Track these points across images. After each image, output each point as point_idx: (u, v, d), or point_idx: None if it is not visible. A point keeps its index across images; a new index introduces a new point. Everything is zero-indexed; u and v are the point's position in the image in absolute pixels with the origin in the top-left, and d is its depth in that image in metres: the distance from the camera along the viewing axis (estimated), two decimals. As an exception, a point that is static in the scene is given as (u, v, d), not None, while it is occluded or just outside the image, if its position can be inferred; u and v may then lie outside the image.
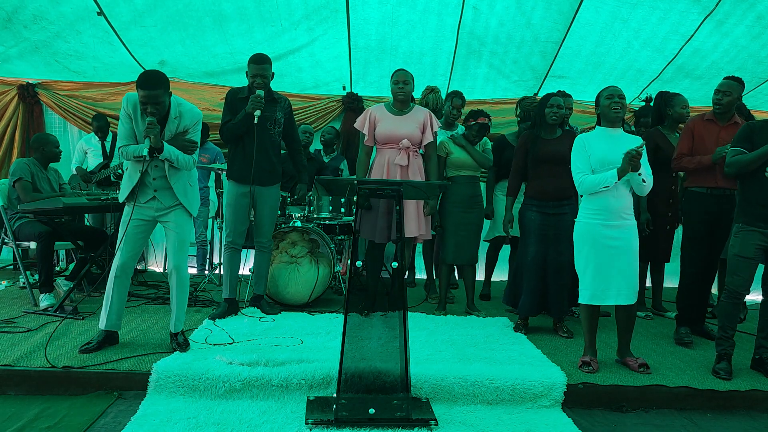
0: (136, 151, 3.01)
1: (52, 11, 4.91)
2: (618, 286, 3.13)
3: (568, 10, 5.00)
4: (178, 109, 3.09)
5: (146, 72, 2.99)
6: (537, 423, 2.66)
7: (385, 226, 3.84)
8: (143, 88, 2.90)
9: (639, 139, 3.19)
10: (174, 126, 3.10)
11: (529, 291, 3.77)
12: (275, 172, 3.97)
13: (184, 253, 3.21)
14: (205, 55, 5.57)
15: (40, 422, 2.48)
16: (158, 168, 3.10)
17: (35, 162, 4.32)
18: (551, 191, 3.73)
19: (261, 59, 3.77)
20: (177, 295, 3.19)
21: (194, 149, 3.17)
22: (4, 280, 4.93)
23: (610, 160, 3.08)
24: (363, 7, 4.98)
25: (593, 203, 3.14)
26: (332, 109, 6.20)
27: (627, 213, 3.14)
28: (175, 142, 3.09)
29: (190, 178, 3.25)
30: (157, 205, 3.15)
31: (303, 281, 4.27)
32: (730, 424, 2.83)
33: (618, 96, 3.14)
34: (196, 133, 3.18)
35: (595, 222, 3.13)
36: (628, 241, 3.13)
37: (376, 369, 2.72)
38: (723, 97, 3.67)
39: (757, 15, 4.88)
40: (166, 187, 3.13)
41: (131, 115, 3.04)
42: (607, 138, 3.17)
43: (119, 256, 3.09)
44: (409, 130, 3.91)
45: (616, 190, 3.10)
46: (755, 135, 3.16)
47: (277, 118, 3.91)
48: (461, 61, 5.67)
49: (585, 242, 3.17)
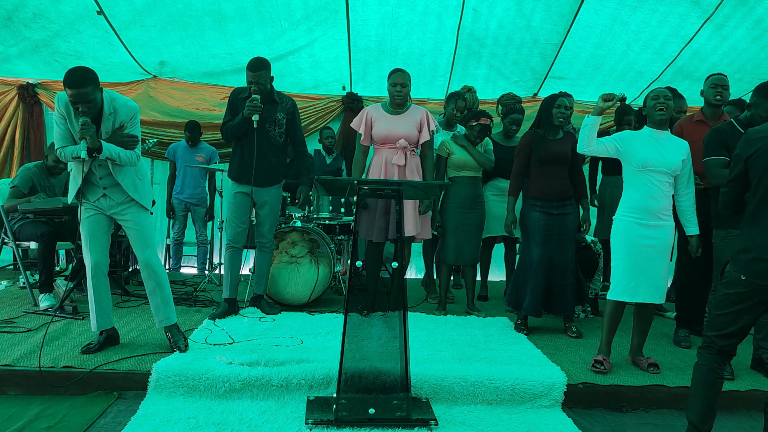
0: (74, 152, 2.89)
1: (52, 10, 4.91)
2: (648, 285, 3.13)
3: (567, 12, 5.01)
4: (112, 104, 2.95)
5: (71, 69, 2.78)
6: (537, 423, 2.66)
7: (383, 225, 3.84)
8: (70, 87, 2.74)
9: (685, 143, 3.20)
10: (110, 123, 2.96)
11: (534, 292, 3.76)
12: (275, 174, 3.97)
13: (152, 247, 3.13)
14: (205, 55, 5.57)
15: (40, 422, 2.47)
16: (102, 167, 2.99)
17: (42, 167, 4.32)
18: (555, 192, 3.73)
19: (256, 66, 3.70)
20: (157, 290, 3.12)
21: (135, 144, 3.02)
22: (4, 280, 4.93)
23: (652, 162, 3.09)
24: (363, 8, 4.98)
25: (632, 202, 3.15)
26: (332, 109, 6.21)
27: (665, 214, 3.15)
28: (113, 139, 2.96)
29: (138, 172, 3.13)
30: (109, 203, 3.06)
31: (303, 281, 4.27)
32: (730, 424, 2.83)
33: (663, 97, 3.14)
34: (135, 127, 3.04)
35: (632, 220, 3.13)
36: (663, 241, 3.14)
37: (376, 369, 2.72)
38: (723, 90, 3.66)
39: (757, 19, 4.91)
40: (114, 184, 3.03)
41: (65, 116, 2.91)
42: (651, 139, 3.16)
43: (90, 257, 3.03)
44: (406, 129, 3.91)
45: (654, 192, 3.11)
46: (729, 141, 3.18)
47: (278, 119, 3.90)
48: (461, 62, 5.68)
49: (620, 240, 3.17)
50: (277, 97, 3.90)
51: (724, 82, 3.67)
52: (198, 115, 5.90)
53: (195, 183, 5.68)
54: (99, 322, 3.11)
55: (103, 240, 3.08)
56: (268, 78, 3.79)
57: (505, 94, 5.00)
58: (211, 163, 5.61)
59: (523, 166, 3.88)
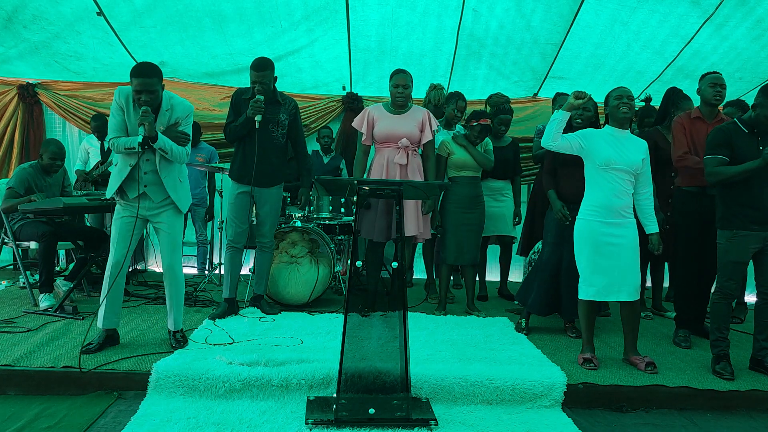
0: (128, 143, 3.01)
1: (52, 11, 4.91)
2: (620, 283, 3.17)
3: (567, 12, 5.01)
4: (170, 102, 3.12)
5: (140, 62, 3.03)
6: (537, 423, 2.66)
7: (384, 225, 3.84)
8: (138, 76, 2.92)
9: (644, 143, 3.24)
10: (166, 118, 3.10)
11: (541, 290, 3.77)
12: (276, 174, 3.97)
13: (178, 253, 3.22)
14: (205, 55, 5.57)
15: (40, 422, 2.47)
16: (149, 162, 3.09)
17: (37, 167, 4.31)
18: (570, 193, 3.71)
19: (260, 66, 3.72)
20: (173, 295, 3.22)
21: (187, 141, 3.16)
22: (4, 280, 4.93)
23: (615, 160, 3.12)
24: (363, 8, 4.98)
25: (595, 201, 3.19)
26: (332, 109, 6.21)
27: (627, 212, 3.19)
28: (167, 134, 3.09)
29: (181, 173, 3.23)
30: (148, 204, 3.13)
31: (303, 281, 4.27)
32: (730, 424, 2.83)
33: (627, 97, 3.17)
34: (188, 126, 3.19)
35: (594, 220, 3.17)
36: (628, 239, 3.17)
37: (376, 369, 2.72)
38: (722, 90, 3.67)
39: (757, 18, 4.91)
40: (157, 182, 3.12)
41: (123, 108, 3.04)
42: (613, 138, 3.19)
43: (113, 255, 3.10)
44: (408, 129, 3.92)
45: (617, 190, 3.15)
46: (733, 140, 3.18)
47: (281, 120, 3.90)
48: (461, 62, 5.68)
49: (585, 240, 3.21)
50: (280, 98, 3.91)
51: (722, 81, 3.68)
52: (198, 115, 5.87)
53: (195, 183, 5.67)
54: (107, 319, 3.13)
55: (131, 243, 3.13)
56: (272, 78, 3.80)
57: (493, 95, 5.00)
58: (211, 163, 5.62)
59: (549, 166, 3.88)
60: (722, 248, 3.24)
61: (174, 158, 3.11)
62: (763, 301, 3.20)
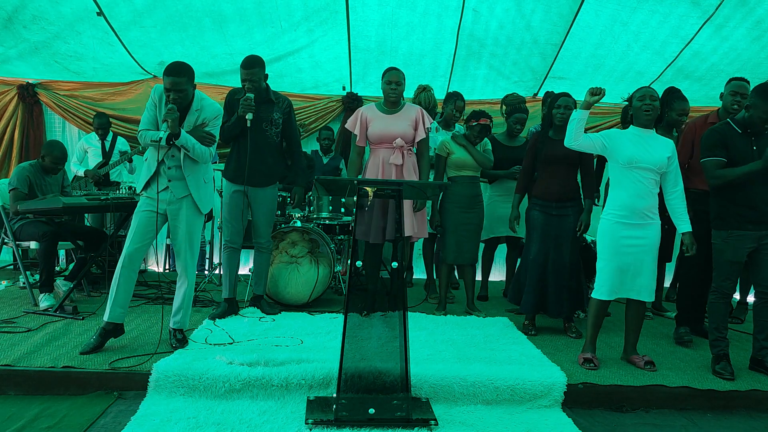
0: (154, 135, 3.10)
1: (52, 11, 4.91)
2: (634, 283, 3.16)
3: (567, 13, 5.01)
4: (201, 102, 3.22)
5: (173, 62, 3.13)
6: (537, 423, 2.66)
7: (379, 226, 3.83)
8: (168, 75, 3.03)
9: (670, 142, 3.21)
10: (194, 118, 3.19)
11: (530, 289, 3.79)
12: (271, 174, 3.96)
13: (194, 252, 3.25)
14: (205, 55, 5.57)
15: (40, 422, 2.47)
16: (174, 158, 3.16)
17: (37, 167, 4.31)
18: (555, 192, 3.74)
19: (249, 63, 3.73)
20: (185, 295, 3.24)
21: (212, 142, 3.24)
22: (4, 280, 4.93)
23: (638, 158, 3.10)
24: (363, 8, 4.98)
25: (619, 201, 3.16)
26: (332, 109, 6.22)
27: (652, 212, 3.16)
28: (194, 133, 3.17)
29: (206, 174, 3.30)
30: (169, 197, 3.17)
31: (303, 281, 4.27)
32: (730, 423, 2.83)
33: (650, 97, 3.15)
34: (215, 128, 3.28)
35: (618, 220, 3.15)
36: (650, 240, 3.16)
37: (376, 369, 2.72)
38: (742, 99, 3.62)
39: (757, 19, 4.91)
40: (180, 178, 3.17)
41: (156, 104, 3.15)
42: (637, 137, 3.17)
43: (127, 245, 3.12)
44: (402, 128, 3.90)
45: (641, 190, 3.12)
46: (727, 141, 3.19)
47: (274, 118, 3.90)
48: (461, 62, 5.69)
49: (606, 240, 3.18)
50: (274, 97, 3.91)
51: (745, 90, 3.62)
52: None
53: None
54: (112, 312, 3.12)
55: (147, 237, 3.16)
56: (262, 76, 3.79)
57: (509, 95, 5.02)
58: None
59: (529, 165, 3.91)
60: (718, 248, 3.24)
61: (196, 156, 3.16)
62: (761, 300, 3.20)
